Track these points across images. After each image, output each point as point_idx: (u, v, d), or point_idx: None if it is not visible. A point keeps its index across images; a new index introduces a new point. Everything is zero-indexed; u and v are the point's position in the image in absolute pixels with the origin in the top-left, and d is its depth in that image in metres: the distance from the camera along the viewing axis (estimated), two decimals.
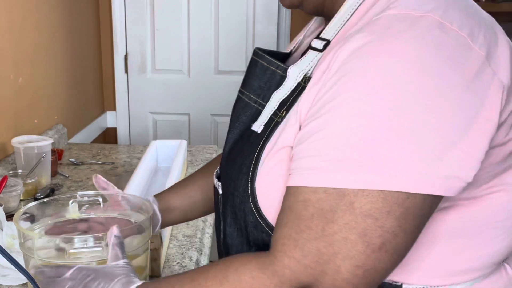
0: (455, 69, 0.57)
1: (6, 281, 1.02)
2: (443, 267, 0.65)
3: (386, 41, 0.58)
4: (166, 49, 2.77)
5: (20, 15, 1.76)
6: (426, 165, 0.56)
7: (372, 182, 0.57)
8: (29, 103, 1.84)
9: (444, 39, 0.58)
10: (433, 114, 0.56)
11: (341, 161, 0.57)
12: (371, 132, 0.57)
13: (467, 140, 0.57)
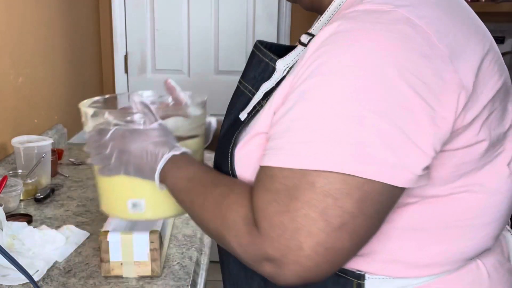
0: (414, 63, 0.59)
1: (6, 281, 1.02)
2: (407, 259, 0.68)
3: (352, 32, 0.61)
4: (166, 49, 2.77)
5: (20, 15, 1.76)
6: (376, 152, 0.59)
7: (330, 165, 0.59)
8: (29, 103, 1.84)
9: (408, 33, 0.60)
10: (388, 105, 0.59)
11: (305, 143, 0.61)
12: (331, 117, 0.60)
13: (417, 133, 0.59)
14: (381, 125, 0.59)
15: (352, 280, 0.69)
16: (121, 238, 1.01)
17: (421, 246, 0.68)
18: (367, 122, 0.59)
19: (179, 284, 1.03)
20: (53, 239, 1.15)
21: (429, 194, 0.65)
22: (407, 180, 0.60)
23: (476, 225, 0.69)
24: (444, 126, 0.60)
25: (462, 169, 0.65)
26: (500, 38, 2.56)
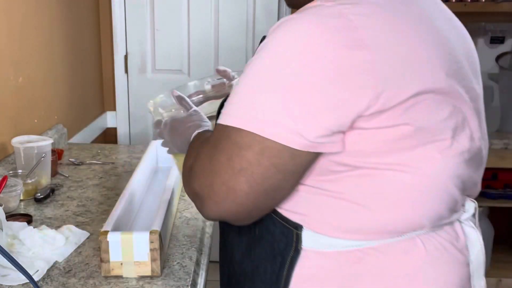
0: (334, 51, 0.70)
1: (6, 281, 1.02)
2: (336, 223, 0.78)
3: (291, 20, 0.73)
4: (166, 49, 2.77)
5: (20, 15, 1.76)
6: (279, 118, 0.71)
7: (242, 123, 0.74)
8: (29, 103, 1.84)
9: (337, 25, 0.71)
10: (297, 81, 0.71)
11: (231, 105, 0.76)
12: (252, 86, 0.75)
13: (317, 109, 0.70)
14: (287, 96, 0.71)
15: (292, 229, 0.81)
16: (121, 238, 1.01)
17: (350, 213, 0.77)
18: (276, 93, 0.72)
19: (179, 284, 1.03)
20: (53, 239, 1.15)
21: (357, 165, 0.75)
22: (301, 144, 0.72)
23: (403, 201, 0.77)
24: (347, 108, 0.71)
25: (387, 146, 0.74)
26: (500, 38, 2.56)
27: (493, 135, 2.46)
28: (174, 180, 1.33)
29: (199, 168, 0.80)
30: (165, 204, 1.16)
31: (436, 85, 0.74)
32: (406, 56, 0.72)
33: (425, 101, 0.73)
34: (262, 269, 0.85)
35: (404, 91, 0.71)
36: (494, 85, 2.52)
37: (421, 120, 0.74)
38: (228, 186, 0.75)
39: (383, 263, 0.79)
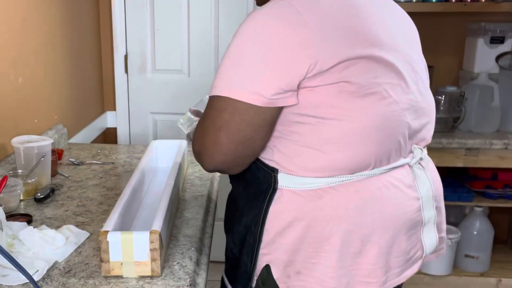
0: (283, 32, 0.95)
1: (6, 281, 1.02)
2: (303, 165, 1.01)
3: (253, 13, 0.99)
4: (166, 49, 2.77)
5: (20, 15, 1.76)
6: (244, 83, 0.97)
7: (218, 91, 0.99)
8: (29, 103, 1.84)
9: (286, 12, 0.96)
10: (256, 55, 0.96)
11: (216, 79, 1.01)
12: (226, 63, 1.00)
13: (271, 73, 0.95)
14: (249, 68, 0.96)
15: (271, 172, 1.04)
16: (121, 238, 1.01)
17: (310, 156, 1.00)
18: (242, 66, 0.97)
19: (179, 284, 1.03)
20: (53, 239, 1.15)
21: (310, 115, 0.98)
22: (261, 101, 0.96)
23: (349, 144, 0.98)
24: (292, 72, 0.95)
25: (331, 99, 0.96)
26: (500, 38, 2.56)
27: (493, 135, 2.46)
28: (174, 180, 1.32)
29: (196, 134, 1.07)
30: (165, 204, 1.16)
31: (364, 53, 0.97)
32: (338, 31, 0.96)
33: (357, 64, 0.96)
34: (250, 205, 1.08)
35: (335, 58, 0.95)
36: (494, 85, 2.52)
37: (355, 78, 0.96)
38: (213, 141, 1.01)
39: (338, 199, 1.01)
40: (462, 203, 2.58)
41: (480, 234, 2.63)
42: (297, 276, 1.04)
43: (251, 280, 1.09)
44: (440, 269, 2.61)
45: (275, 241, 1.05)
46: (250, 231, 1.07)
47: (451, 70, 2.79)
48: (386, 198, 1.03)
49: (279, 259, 1.05)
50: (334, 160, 0.99)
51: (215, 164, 1.04)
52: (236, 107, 0.97)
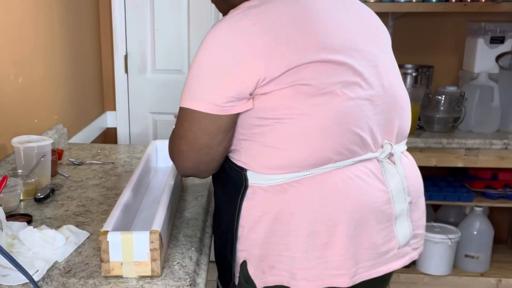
0: (235, 44, 1.01)
1: (6, 281, 1.02)
2: (266, 163, 1.06)
3: (212, 29, 1.05)
4: (166, 49, 2.77)
5: (19, 15, 1.76)
6: (199, 95, 1.04)
7: (181, 102, 1.07)
8: (29, 103, 1.84)
9: (241, 25, 1.01)
10: (212, 67, 1.03)
11: (182, 91, 1.08)
12: (189, 76, 1.07)
13: (224, 85, 1.02)
14: (202, 80, 1.03)
15: (241, 171, 1.10)
16: (121, 238, 1.01)
17: (271, 154, 1.05)
18: (198, 78, 1.04)
19: (179, 284, 1.03)
20: (53, 239, 1.15)
21: (268, 117, 1.03)
22: (214, 110, 1.03)
23: (306, 141, 1.02)
24: (244, 82, 1.01)
25: (286, 101, 1.01)
26: (500, 38, 2.56)
27: (493, 135, 2.46)
28: (174, 180, 1.33)
29: (168, 142, 1.16)
30: (165, 204, 1.16)
31: (314, 57, 1.01)
32: (289, 39, 1.01)
33: (308, 68, 1.00)
34: (228, 204, 1.13)
35: (285, 65, 1.00)
36: (494, 85, 2.52)
37: (308, 80, 1.00)
38: (177, 149, 1.11)
39: (302, 191, 1.05)
40: (462, 203, 2.58)
41: (480, 234, 2.63)
42: (272, 271, 1.08)
43: (234, 278, 1.14)
44: (440, 269, 2.61)
45: (248, 237, 1.09)
46: (230, 228, 1.12)
47: (451, 70, 2.79)
48: (350, 189, 1.05)
49: (253, 254, 1.09)
50: (294, 157, 1.03)
51: (183, 170, 1.14)
52: (194, 117, 1.05)
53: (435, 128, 2.49)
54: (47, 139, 1.58)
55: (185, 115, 1.06)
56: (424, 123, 2.52)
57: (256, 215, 1.08)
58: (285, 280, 1.07)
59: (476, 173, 2.67)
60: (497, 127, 2.52)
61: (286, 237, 1.05)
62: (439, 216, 2.79)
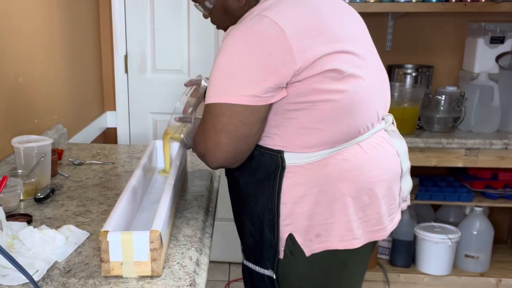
0: (266, 43, 1.11)
1: (6, 281, 1.02)
2: (304, 143, 1.18)
3: (236, 31, 1.14)
4: (166, 49, 2.77)
5: (19, 15, 1.76)
6: (239, 91, 1.12)
7: (215, 99, 1.15)
8: (29, 103, 1.84)
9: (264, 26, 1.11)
10: (246, 66, 1.12)
11: (209, 90, 1.17)
12: (217, 74, 1.15)
13: (259, 78, 1.11)
14: (242, 75, 1.12)
15: (277, 154, 1.20)
16: (121, 238, 1.01)
17: (309, 135, 1.17)
18: (233, 75, 1.13)
19: (179, 284, 1.03)
20: (53, 239, 1.15)
21: (301, 101, 1.15)
22: (255, 101, 1.12)
23: (339, 120, 1.16)
24: (280, 75, 1.11)
25: (317, 86, 1.13)
26: (500, 38, 2.56)
27: (493, 135, 2.46)
28: (174, 180, 1.33)
29: (197, 137, 1.24)
30: (165, 204, 1.16)
31: (335, 48, 1.15)
32: (310, 33, 1.13)
33: (331, 56, 1.14)
34: (262, 187, 1.23)
35: (314, 55, 1.12)
36: (494, 85, 2.52)
37: (334, 66, 1.13)
38: (215, 142, 1.17)
39: (341, 163, 1.19)
40: (462, 203, 2.57)
41: (480, 234, 2.63)
42: (318, 239, 1.21)
43: (278, 253, 1.24)
44: (440, 269, 2.61)
45: (293, 211, 1.20)
46: (268, 209, 1.22)
47: (451, 70, 2.79)
48: (377, 156, 1.24)
49: (299, 226, 1.21)
50: (330, 135, 1.17)
51: (218, 162, 1.20)
52: (233, 110, 1.13)
53: (435, 128, 2.49)
54: (47, 139, 1.58)
55: (223, 109, 1.13)
56: (424, 123, 2.52)
57: (300, 191, 1.19)
58: (331, 244, 1.21)
59: (476, 173, 2.67)
60: (497, 127, 2.52)
61: (330, 206, 1.19)
62: (439, 216, 2.79)
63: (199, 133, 1.22)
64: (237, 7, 1.24)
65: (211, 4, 1.26)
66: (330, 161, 1.19)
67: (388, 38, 2.73)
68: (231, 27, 1.17)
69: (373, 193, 1.23)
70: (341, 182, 1.19)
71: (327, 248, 1.22)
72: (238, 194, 1.31)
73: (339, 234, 1.21)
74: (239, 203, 1.33)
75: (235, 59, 1.13)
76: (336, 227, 1.21)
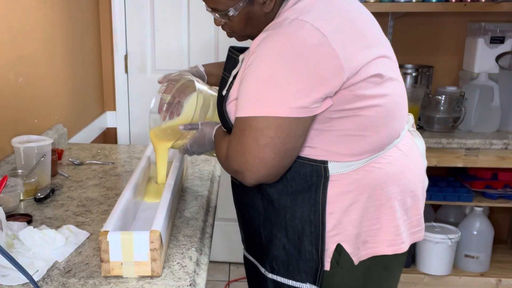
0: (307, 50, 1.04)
1: (6, 281, 1.02)
2: (348, 151, 1.14)
3: (270, 36, 1.08)
4: (166, 49, 2.77)
5: (20, 15, 1.76)
6: (287, 103, 1.05)
7: (257, 111, 1.07)
8: (29, 103, 1.84)
9: (305, 32, 1.05)
10: (292, 76, 1.05)
11: (247, 102, 1.09)
12: (260, 85, 1.07)
13: (310, 91, 1.05)
14: (285, 85, 1.05)
15: (320, 165, 1.15)
16: (121, 238, 1.01)
17: (353, 142, 1.13)
18: (277, 86, 1.05)
19: (179, 284, 1.03)
20: (53, 239, 1.15)
21: (345, 108, 1.10)
22: (303, 113, 1.06)
23: (382, 125, 1.14)
24: (326, 87, 1.06)
25: (361, 92, 1.09)
26: (500, 38, 2.56)
27: (493, 135, 2.46)
28: (174, 180, 1.32)
29: (233, 152, 1.13)
30: (165, 204, 1.16)
31: (375, 52, 1.12)
32: (350, 37, 1.09)
33: (373, 62, 1.11)
34: (300, 199, 1.17)
35: (359, 63, 1.08)
36: (494, 85, 2.52)
37: (376, 71, 1.11)
38: (259, 158, 1.09)
39: (386, 167, 1.17)
40: (462, 203, 2.57)
41: (480, 234, 2.63)
42: (365, 245, 1.19)
43: (322, 265, 1.19)
44: (440, 269, 2.61)
45: (341, 221, 1.17)
46: (309, 221, 1.18)
47: (451, 70, 2.79)
48: (414, 156, 1.26)
49: (348, 235, 1.18)
50: (376, 141, 1.15)
51: (259, 178, 1.12)
52: (280, 124, 1.06)
53: (435, 128, 2.49)
54: (47, 139, 1.58)
55: (268, 122, 1.06)
56: (424, 123, 2.52)
57: (348, 199, 1.16)
58: (379, 250, 1.20)
59: (476, 173, 2.67)
60: (497, 127, 2.52)
61: (377, 212, 1.18)
62: (439, 216, 2.79)
63: (235, 149, 1.12)
64: (262, 13, 1.16)
65: (236, 11, 1.17)
66: (375, 166, 1.16)
67: (388, 38, 2.73)
68: (266, 34, 1.09)
69: (415, 195, 1.24)
70: (388, 186, 1.18)
71: (374, 254, 1.20)
72: (268, 206, 1.23)
73: (387, 239, 1.20)
74: (269, 215, 1.24)
75: (280, 69, 1.05)
76: (383, 232, 1.19)
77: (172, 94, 1.41)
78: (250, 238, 1.35)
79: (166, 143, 1.39)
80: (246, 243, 1.40)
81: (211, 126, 1.32)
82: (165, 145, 1.40)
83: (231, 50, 1.28)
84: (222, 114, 1.23)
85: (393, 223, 1.20)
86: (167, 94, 1.41)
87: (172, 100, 1.43)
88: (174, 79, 1.45)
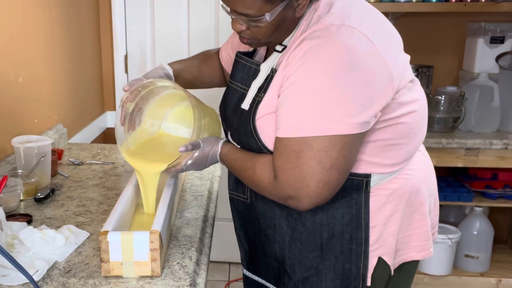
0: (362, 59, 0.98)
1: (6, 281, 1.02)
2: (386, 162, 1.10)
3: (318, 46, 0.99)
4: (166, 49, 2.77)
5: (20, 15, 1.76)
6: (351, 119, 0.98)
7: (316, 131, 0.98)
8: (29, 103, 1.84)
9: (358, 40, 0.99)
10: (353, 89, 0.97)
11: (302, 119, 0.99)
12: (318, 101, 0.98)
13: (371, 104, 0.99)
14: (347, 101, 0.97)
15: (362, 179, 1.10)
16: (121, 238, 1.01)
17: (396, 151, 1.10)
18: (339, 100, 0.97)
19: (179, 284, 1.03)
20: (53, 239, 1.15)
21: (386, 118, 1.05)
22: (362, 127, 1.00)
23: (418, 130, 1.14)
24: (384, 99, 1.01)
25: (400, 101, 1.06)
26: (500, 38, 2.56)
27: (493, 135, 2.46)
28: (174, 180, 1.32)
29: (287, 178, 1.02)
30: (165, 204, 1.16)
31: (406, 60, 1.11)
32: (388, 46, 1.05)
33: (407, 66, 1.10)
34: (339, 215, 1.11)
35: (401, 70, 1.06)
36: (494, 85, 2.52)
37: (408, 78, 1.09)
38: (324, 181, 1.00)
39: (417, 173, 1.16)
40: (462, 203, 2.57)
41: (480, 234, 2.63)
42: (397, 253, 1.17)
43: (364, 282, 1.14)
44: (440, 269, 2.61)
45: (383, 233, 1.13)
46: (350, 238, 1.12)
47: (451, 70, 2.79)
48: (429, 158, 1.27)
49: (389, 247, 1.15)
50: (413, 147, 1.14)
51: (319, 202, 1.04)
52: (344, 142, 0.99)
53: (435, 128, 2.49)
54: (47, 139, 1.58)
55: (332, 142, 0.98)
56: None
57: (388, 210, 1.12)
58: (409, 256, 1.19)
59: (476, 173, 2.67)
60: (497, 127, 2.52)
61: (409, 219, 1.17)
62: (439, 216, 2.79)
63: (291, 174, 1.01)
64: (293, 18, 1.06)
65: (272, 17, 1.02)
66: (408, 173, 1.14)
67: None
68: (312, 43, 0.99)
69: (435, 197, 1.25)
70: (420, 192, 1.17)
71: (404, 260, 1.19)
72: (297, 225, 1.15)
73: (418, 245, 1.19)
74: (298, 236, 1.16)
75: (338, 82, 0.97)
76: (414, 238, 1.18)
77: (135, 102, 1.22)
78: (263, 259, 1.27)
79: (156, 165, 1.19)
80: (251, 263, 1.33)
81: (211, 143, 1.20)
82: (155, 168, 1.19)
83: (241, 57, 1.17)
84: (246, 131, 1.12)
85: (424, 229, 1.19)
86: (131, 102, 1.21)
87: (134, 108, 1.23)
88: (142, 86, 1.22)
